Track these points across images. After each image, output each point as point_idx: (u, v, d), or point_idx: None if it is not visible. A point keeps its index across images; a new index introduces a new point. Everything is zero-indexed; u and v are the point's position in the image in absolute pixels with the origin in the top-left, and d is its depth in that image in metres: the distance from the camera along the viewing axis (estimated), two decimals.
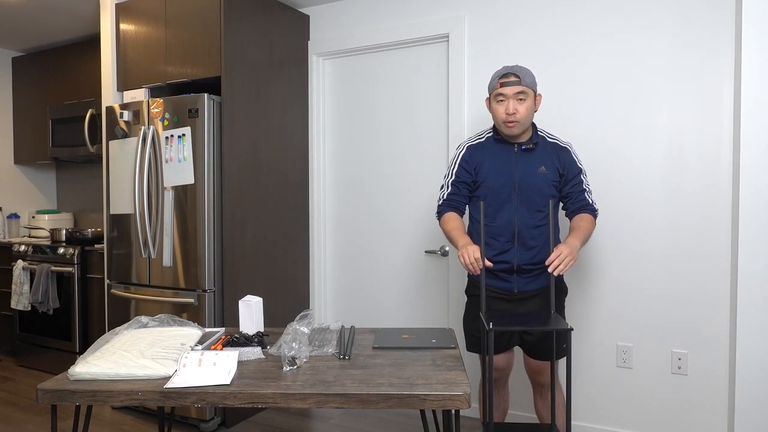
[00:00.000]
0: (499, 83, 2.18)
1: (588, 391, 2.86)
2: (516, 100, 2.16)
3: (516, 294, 2.26)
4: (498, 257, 2.22)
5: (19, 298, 3.92)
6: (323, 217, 3.64)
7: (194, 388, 1.55)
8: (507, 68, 2.20)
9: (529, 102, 2.18)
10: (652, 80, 2.68)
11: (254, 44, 3.18)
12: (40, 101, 4.47)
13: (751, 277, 2.41)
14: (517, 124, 2.17)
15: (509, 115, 2.16)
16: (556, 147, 2.28)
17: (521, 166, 2.23)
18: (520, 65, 2.23)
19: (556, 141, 2.31)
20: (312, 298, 3.64)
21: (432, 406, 1.51)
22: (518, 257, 2.22)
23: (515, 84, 2.15)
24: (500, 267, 2.23)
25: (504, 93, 2.16)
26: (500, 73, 2.20)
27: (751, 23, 2.39)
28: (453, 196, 2.32)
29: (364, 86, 3.49)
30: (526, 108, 2.17)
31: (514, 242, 2.22)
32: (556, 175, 2.25)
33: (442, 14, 3.17)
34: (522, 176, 2.21)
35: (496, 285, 2.27)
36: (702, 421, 2.63)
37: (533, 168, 2.22)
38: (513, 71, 2.17)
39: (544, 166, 2.23)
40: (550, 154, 2.25)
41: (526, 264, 2.22)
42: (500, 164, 2.24)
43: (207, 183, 2.95)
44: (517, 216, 2.21)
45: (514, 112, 2.15)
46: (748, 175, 2.41)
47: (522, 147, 2.24)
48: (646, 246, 2.72)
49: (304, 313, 1.91)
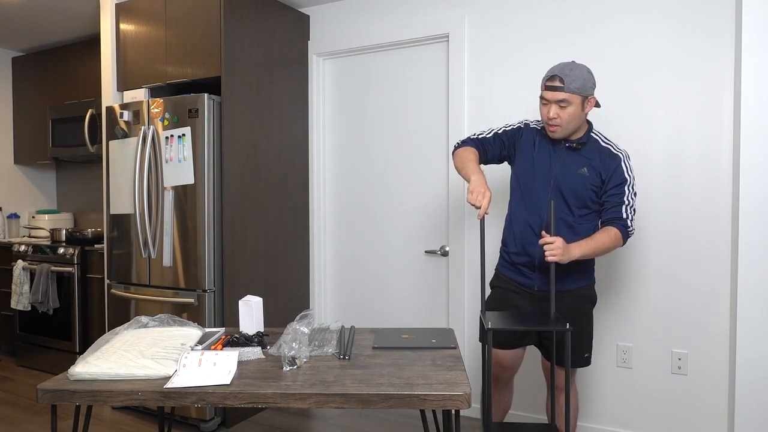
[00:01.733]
0: (545, 86, 2.12)
1: (588, 391, 2.86)
2: (557, 105, 2.09)
3: (536, 292, 2.22)
4: (521, 248, 2.21)
5: (19, 298, 3.92)
6: (323, 217, 3.64)
7: (194, 388, 1.55)
8: (555, 69, 2.11)
9: (572, 108, 2.09)
10: (652, 80, 2.68)
11: (254, 44, 3.18)
12: (40, 101, 4.47)
13: (751, 277, 2.41)
14: (559, 128, 2.13)
15: (550, 119, 2.12)
16: (607, 152, 2.18)
17: (561, 163, 2.18)
18: (576, 63, 2.12)
19: (610, 146, 2.20)
20: (312, 298, 3.64)
21: (432, 406, 1.51)
22: (541, 252, 2.09)
23: (558, 90, 2.08)
24: (522, 260, 2.21)
25: (546, 98, 2.11)
26: (549, 72, 2.12)
27: (752, 22, 2.39)
28: (488, 138, 2.31)
29: (364, 86, 3.49)
30: (569, 114, 2.09)
31: (537, 237, 2.13)
32: (598, 179, 2.16)
33: (442, 14, 3.17)
34: (559, 173, 2.17)
35: (517, 279, 2.26)
36: (702, 421, 2.63)
37: (574, 167, 2.16)
38: (561, 74, 2.08)
39: (585, 168, 2.15)
40: (597, 158, 2.17)
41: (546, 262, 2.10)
42: (540, 156, 2.21)
43: (207, 183, 2.95)
44: (547, 210, 2.12)
45: (555, 117, 2.10)
46: (749, 175, 2.40)
47: (567, 145, 2.19)
48: (646, 246, 2.72)
49: (304, 313, 1.91)
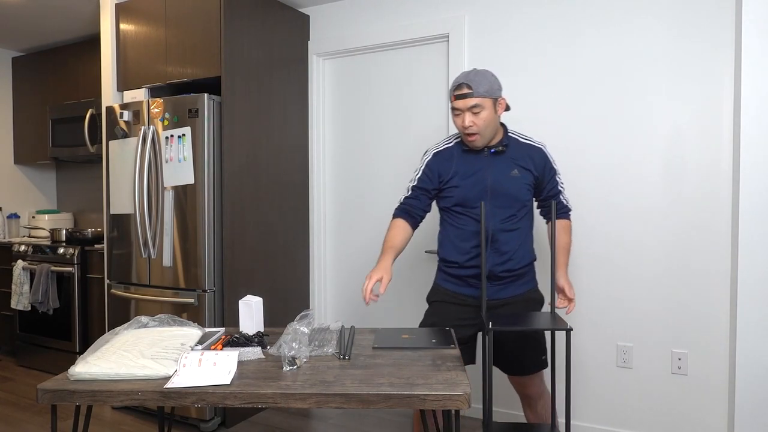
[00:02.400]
0: (453, 96, 2.09)
1: (588, 391, 2.86)
2: (471, 113, 2.06)
3: (487, 302, 2.16)
4: (470, 262, 2.16)
5: (19, 298, 3.92)
6: (323, 217, 3.64)
7: (194, 388, 1.55)
8: (460, 78, 2.09)
9: (486, 112, 2.06)
10: (653, 80, 2.68)
11: (254, 44, 3.18)
12: (40, 101, 4.47)
13: (751, 277, 2.41)
14: (478, 137, 2.09)
15: (466, 128, 2.08)
16: (530, 148, 2.20)
17: (493, 169, 2.14)
18: (477, 69, 2.10)
19: (530, 142, 2.22)
20: (312, 298, 3.64)
21: (432, 406, 1.50)
22: (491, 262, 2.13)
23: (468, 97, 2.04)
24: (472, 272, 2.17)
25: (458, 107, 2.08)
26: (455, 83, 2.09)
27: (752, 22, 2.39)
28: (411, 200, 2.23)
29: (364, 86, 3.49)
30: (484, 119, 2.06)
31: (487, 247, 2.13)
32: (531, 177, 2.17)
33: (442, 14, 3.17)
34: (494, 180, 2.13)
35: (467, 292, 2.20)
36: (702, 421, 2.63)
37: (506, 171, 2.15)
38: (466, 81, 2.05)
39: (516, 170, 2.15)
40: (524, 156, 2.17)
41: (499, 270, 2.14)
42: (471, 169, 2.16)
43: (207, 183, 2.95)
44: (490, 220, 2.13)
45: (471, 125, 2.06)
46: (748, 175, 2.40)
47: (492, 150, 2.15)
48: (645, 246, 2.72)
49: (304, 313, 1.90)
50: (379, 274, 2.03)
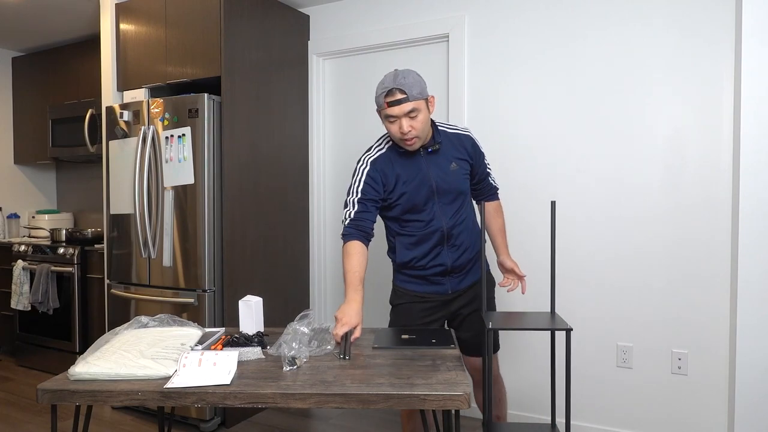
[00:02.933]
0: (386, 103, 1.98)
1: (588, 391, 2.86)
2: (408, 118, 1.98)
3: (450, 295, 2.21)
4: (431, 262, 2.17)
5: (19, 298, 3.92)
6: (323, 217, 3.64)
7: (194, 388, 1.55)
8: (388, 82, 1.98)
9: (422, 115, 2.00)
10: (652, 80, 2.68)
11: (254, 44, 3.18)
12: (40, 101, 4.47)
13: (751, 277, 2.41)
14: (417, 139, 2.04)
15: (405, 134, 2.00)
16: (459, 137, 2.19)
17: (433, 168, 2.11)
18: (401, 71, 2.01)
19: (456, 131, 2.21)
20: (312, 298, 3.64)
21: (432, 406, 1.50)
22: (451, 258, 2.16)
23: (403, 102, 1.96)
24: (433, 271, 2.18)
25: (393, 114, 1.98)
26: (384, 88, 1.98)
27: (751, 22, 2.39)
28: (361, 214, 2.10)
29: (364, 86, 3.49)
30: (421, 122, 2.00)
31: (444, 244, 2.15)
32: (467, 165, 2.18)
33: (442, 14, 3.17)
34: (437, 179, 2.11)
35: (429, 290, 2.21)
36: (702, 421, 2.63)
37: (445, 167, 2.12)
38: (398, 86, 1.96)
39: (454, 162, 2.14)
40: (456, 147, 2.16)
41: (459, 264, 2.18)
42: (412, 171, 2.11)
43: (207, 183, 2.95)
44: (442, 219, 2.12)
45: (409, 130, 1.99)
46: (748, 176, 2.41)
47: (428, 150, 2.11)
48: (645, 246, 2.72)
49: (304, 313, 1.90)
50: (354, 321, 1.91)
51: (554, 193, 2.90)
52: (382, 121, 2.08)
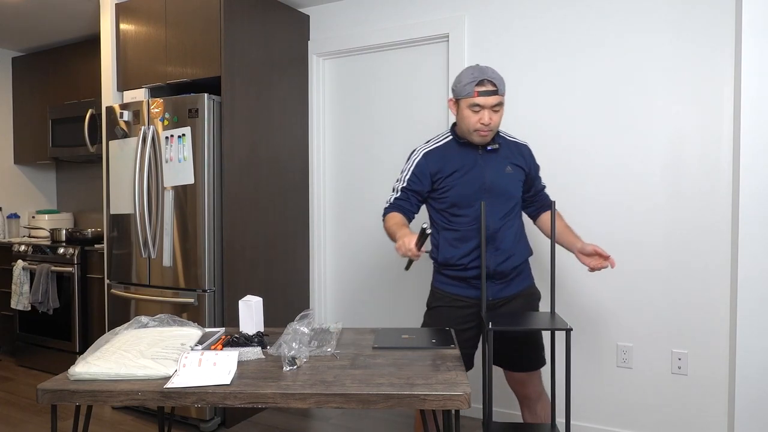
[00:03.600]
0: (476, 92, 2.01)
1: (588, 391, 2.86)
2: (492, 110, 2.03)
3: (489, 302, 2.14)
4: (473, 263, 2.12)
5: (19, 298, 3.92)
6: (323, 217, 3.64)
7: (194, 388, 1.55)
8: (481, 73, 2.02)
9: (502, 111, 2.07)
10: (652, 80, 2.68)
11: (254, 44, 3.18)
12: (40, 101, 4.47)
13: (751, 277, 2.41)
14: (490, 133, 2.07)
15: (484, 126, 2.04)
16: (517, 146, 2.22)
17: (489, 167, 2.13)
18: (486, 66, 2.06)
19: (515, 140, 2.24)
20: (312, 298, 3.64)
21: (432, 406, 1.50)
22: (494, 261, 2.11)
23: (493, 94, 2.01)
24: (474, 273, 2.13)
25: (481, 104, 2.01)
26: (474, 77, 2.01)
27: (751, 23, 2.39)
28: (401, 202, 2.17)
29: (364, 86, 3.49)
30: (500, 117, 2.07)
31: (487, 246, 2.11)
32: (522, 173, 2.19)
33: (442, 14, 3.17)
34: (491, 177, 2.12)
35: (469, 294, 2.16)
36: (702, 421, 2.63)
37: (500, 169, 2.14)
38: (489, 78, 2.01)
39: (509, 166, 2.15)
40: (514, 153, 2.19)
41: (501, 269, 2.12)
42: (467, 167, 2.12)
43: (207, 183, 2.95)
44: (489, 218, 2.10)
45: (490, 122, 2.03)
46: (748, 175, 2.41)
47: (488, 148, 2.13)
48: (646, 246, 2.72)
49: (304, 313, 1.90)
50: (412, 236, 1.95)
51: (553, 193, 2.88)
52: (454, 110, 2.11)
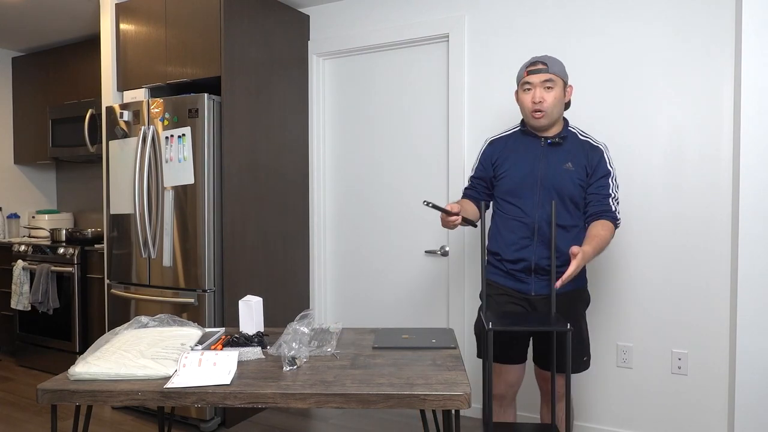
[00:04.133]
0: (526, 72, 2.11)
1: (588, 391, 2.86)
2: (543, 88, 2.07)
3: (533, 297, 2.12)
4: (515, 254, 2.12)
5: (19, 298, 3.92)
6: (323, 217, 3.64)
7: (194, 388, 1.55)
8: (535, 57, 2.15)
9: (557, 91, 2.08)
10: (653, 79, 2.68)
11: (254, 44, 3.18)
12: (40, 101, 4.47)
13: (751, 277, 2.41)
14: (545, 114, 2.08)
15: (536, 104, 2.07)
16: (588, 145, 2.16)
17: (546, 160, 2.12)
18: (550, 55, 2.18)
19: (589, 139, 2.18)
20: (312, 298, 3.64)
21: (432, 406, 1.50)
22: (537, 255, 2.09)
23: (542, 72, 2.08)
24: (518, 266, 2.12)
25: (531, 81, 2.09)
26: (528, 62, 2.14)
27: (752, 22, 2.39)
28: (469, 191, 2.32)
29: (364, 86, 3.49)
30: (554, 97, 2.08)
31: (534, 238, 2.09)
32: (584, 173, 2.11)
33: (442, 14, 3.17)
34: (546, 170, 2.10)
35: (512, 286, 2.16)
36: (702, 421, 2.63)
37: (559, 163, 2.11)
38: (541, 60, 2.11)
39: (570, 163, 2.10)
40: (579, 152, 2.13)
41: (546, 263, 2.08)
42: (524, 156, 2.15)
43: (207, 183, 2.95)
44: (539, 211, 2.09)
45: (541, 100, 2.06)
46: (749, 175, 2.40)
47: (549, 141, 2.13)
48: (645, 246, 2.72)
49: (304, 313, 1.91)
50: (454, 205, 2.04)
51: None
52: (517, 100, 2.18)
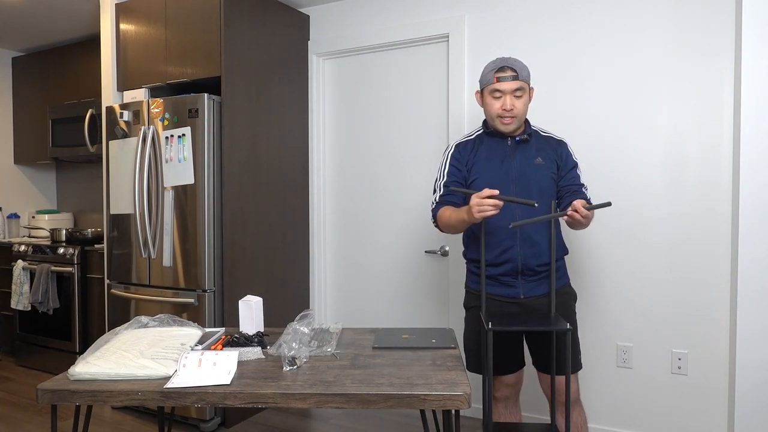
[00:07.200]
0: (495, 78, 2.07)
1: (588, 391, 2.86)
2: (513, 96, 2.07)
3: (522, 300, 2.11)
4: (500, 257, 2.09)
5: (19, 298, 3.92)
6: (323, 216, 3.64)
7: (194, 388, 1.55)
8: (502, 60, 2.09)
9: (525, 97, 2.10)
10: (653, 79, 2.68)
11: (254, 44, 3.18)
12: (40, 101, 4.47)
13: (751, 277, 2.41)
14: (514, 120, 2.09)
15: (506, 111, 2.07)
16: (552, 141, 2.20)
17: (517, 158, 2.12)
18: (514, 57, 2.13)
19: (551, 135, 2.23)
20: (312, 298, 3.64)
21: (432, 406, 1.51)
22: (522, 255, 2.08)
23: (512, 79, 2.06)
24: (503, 269, 2.10)
25: (501, 89, 2.07)
26: (495, 65, 2.09)
27: (751, 23, 2.39)
28: (446, 197, 2.17)
29: (364, 86, 3.49)
30: (524, 103, 2.09)
31: (517, 238, 2.08)
32: (554, 167, 2.14)
33: (442, 14, 3.17)
34: (518, 168, 2.11)
35: (500, 292, 2.13)
36: (702, 422, 2.63)
37: (530, 159, 2.12)
38: (509, 65, 2.07)
39: (540, 158, 2.13)
40: (546, 147, 2.17)
41: (532, 263, 2.08)
42: (494, 157, 2.14)
43: (207, 183, 2.95)
44: (518, 210, 2.07)
45: (512, 108, 2.06)
46: (748, 176, 2.40)
47: (516, 139, 2.14)
48: (646, 245, 2.72)
49: (304, 313, 1.91)
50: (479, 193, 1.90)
51: None
52: (480, 101, 2.17)
